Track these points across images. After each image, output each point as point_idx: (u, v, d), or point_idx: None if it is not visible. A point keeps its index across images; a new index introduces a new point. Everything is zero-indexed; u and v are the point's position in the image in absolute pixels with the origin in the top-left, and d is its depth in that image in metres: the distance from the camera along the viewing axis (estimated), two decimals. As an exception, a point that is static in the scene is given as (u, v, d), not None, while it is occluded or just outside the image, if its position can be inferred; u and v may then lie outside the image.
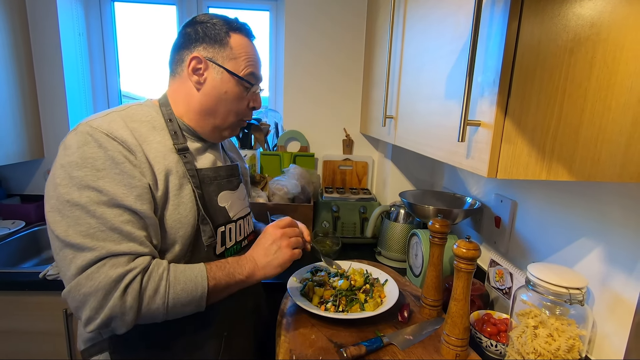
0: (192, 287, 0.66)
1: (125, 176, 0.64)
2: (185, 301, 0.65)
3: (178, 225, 0.71)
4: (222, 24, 0.76)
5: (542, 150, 0.55)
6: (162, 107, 0.78)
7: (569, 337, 0.69)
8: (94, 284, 0.59)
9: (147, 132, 0.71)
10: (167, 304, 0.64)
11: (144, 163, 0.67)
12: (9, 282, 1.15)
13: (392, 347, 0.81)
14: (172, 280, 0.64)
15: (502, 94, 0.53)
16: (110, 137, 0.65)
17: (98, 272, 0.59)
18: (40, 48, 1.65)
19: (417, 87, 0.90)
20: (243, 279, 0.73)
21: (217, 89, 0.76)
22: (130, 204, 0.63)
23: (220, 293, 0.71)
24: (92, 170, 0.62)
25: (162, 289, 0.63)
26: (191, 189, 0.74)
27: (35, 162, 1.74)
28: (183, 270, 0.67)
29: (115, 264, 0.60)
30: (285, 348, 0.79)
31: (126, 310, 0.60)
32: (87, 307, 0.59)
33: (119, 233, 0.62)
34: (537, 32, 0.52)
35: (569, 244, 0.81)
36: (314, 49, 1.76)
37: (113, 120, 0.68)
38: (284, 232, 0.79)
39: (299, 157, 1.77)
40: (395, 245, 1.36)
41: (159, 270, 0.64)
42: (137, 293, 0.61)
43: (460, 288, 0.76)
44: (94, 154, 0.63)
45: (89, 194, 0.61)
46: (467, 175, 1.29)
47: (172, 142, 0.74)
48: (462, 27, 0.67)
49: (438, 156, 0.76)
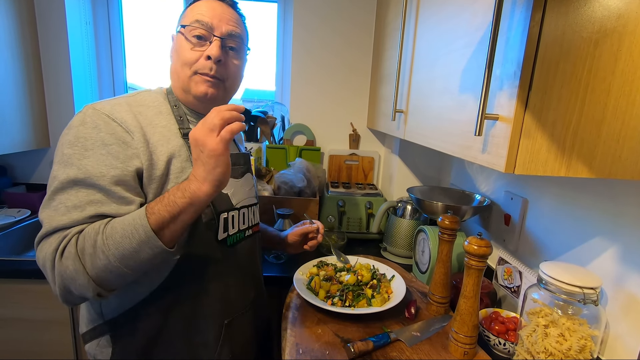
0: (132, 230, 0.60)
1: (109, 157, 0.65)
2: (132, 247, 0.60)
3: None
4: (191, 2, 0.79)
5: (562, 146, 0.54)
6: (168, 95, 0.80)
7: (580, 337, 0.68)
8: (41, 255, 0.62)
9: (153, 115, 0.73)
10: (113, 254, 0.59)
11: (142, 144, 0.68)
12: (15, 270, 1.15)
13: (399, 343, 0.81)
14: (108, 231, 0.60)
15: (523, 87, 0.52)
16: (110, 118, 0.67)
17: (45, 245, 0.62)
18: (47, 37, 1.64)
19: (429, 82, 0.89)
20: (188, 201, 0.61)
21: (175, 50, 0.78)
22: (104, 184, 0.64)
23: (171, 224, 0.62)
24: (80, 149, 0.64)
25: (99, 242, 0.59)
26: None
27: (40, 151, 1.74)
28: (121, 219, 0.62)
29: (58, 236, 0.62)
30: (291, 342, 0.79)
31: (72, 274, 0.60)
32: (49, 281, 0.62)
33: (80, 211, 0.63)
34: (562, 23, 0.50)
35: (582, 243, 0.80)
36: (322, 42, 1.74)
37: (118, 103, 0.71)
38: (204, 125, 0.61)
39: (305, 151, 1.76)
40: (401, 242, 1.35)
41: (95, 226, 0.61)
42: (74, 255, 0.59)
43: (470, 285, 0.75)
44: (87, 134, 0.65)
45: (69, 171, 0.63)
46: (476, 171, 1.27)
47: (177, 126, 0.76)
48: (479, 19, 0.65)
49: (450, 151, 0.74)
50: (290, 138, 1.81)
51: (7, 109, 1.48)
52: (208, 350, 0.79)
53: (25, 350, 1.21)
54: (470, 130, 0.66)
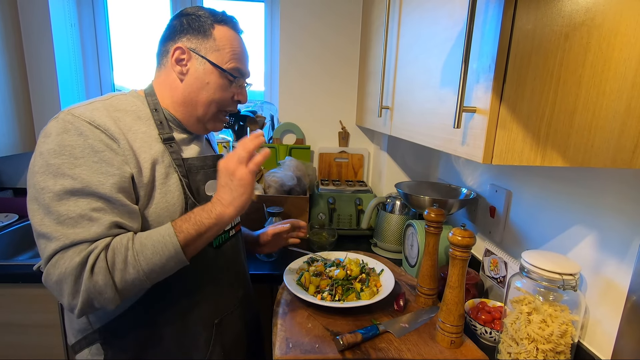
0: (162, 247, 0.64)
1: (103, 164, 0.63)
2: (162, 262, 0.64)
3: (165, 213, 0.71)
4: (208, 15, 0.76)
5: (536, 136, 0.55)
6: (147, 97, 0.78)
7: (562, 323, 0.70)
8: (60, 271, 0.59)
9: (132, 121, 0.71)
10: (143, 270, 0.63)
11: (128, 151, 0.67)
12: (3, 274, 1.14)
13: (388, 334, 0.82)
14: (138, 248, 0.63)
15: (498, 79, 0.53)
16: (93, 125, 0.64)
17: (62, 259, 0.60)
18: (31, 39, 1.62)
19: (413, 77, 0.90)
20: (214, 222, 0.68)
21: (200, 79, 0.76)
22: (105, 191, 0.63)
23: (195, 242, 0.68)
24: (69, 158, 0.62)
25: (130, 259, 0.62)
26: (178, 177, 0.74)
27: (27, 155, 1.72)
28: (148, 234, 0.65)
29: (78, 249, 0.60)
30: (281, 336, 0.80)
31: (102, 289, 0.60)
32: (64, 294, 0.60)
33: (88, 220, 0.62)
34: (533, 17, 0.52)
35: (563, 232, 0.82)
36: (310, 42, 1.75)
37: (96, 108, 0.68)
38: (233, 157, 0.70)
39: (294, 149, 1.76)
40: (391, 237, 1.36)
41: (123, 241, 0.63)
42: (105, 270, 0.61)
43: (455, 276, 0.77)
44: (73, 142, 0.62)
45: (63, 182, 0.61)
46: (463, 166, 1.30)
47: (157, 131, 0.74)
48: (457, 14, 0.66)
49: (434, 144, 0.76)
50: (279, 137, 1.82)
51: (-8, 112, 1.46)
52: (199, 351, 0.80)
53: (16, 355, 1.20)
54: (451, 123, 0.67)
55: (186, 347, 0.78)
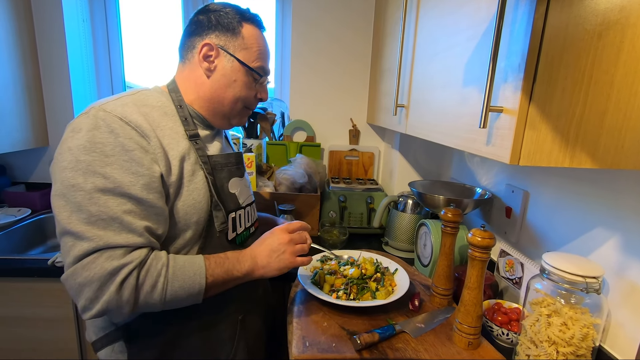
0: (190, 285, 0.66)
1: (133, 164, 0.63)
2: (183, 297, 0.66)
3: (192, 210, 0.71)
4: (235, 13, 0.76)
5: (566, 137, 0.54)
6: (171, 93, 0.77)
7: (583, 326, 0.69)
8: (89, 274, 0.58)
9: (159, 117, 0.71)
10: (165, 299, 0.64)
11: (158, 148, 0.66)
12: (18, 269, 1.15)
13: (405, 334, 0.82)
14: (170, 278, 0.64)
15: (528, 79, 0.52)
16: (124, 122, 0.64)
17: (94, 263, 0.59)
18: (44, 34, 1.62)
19: (431, 75, 0.89)
20: (240, 277, 0.73)
21: (227, 77, 0.76)
22: (136, 192, 0.62)
23: (217, 288, 0.71)
24: (100, 156, 0.61)
25: (159, 286, 0.63)
26: (204, 175, 0.74)
27: (39, 150, 1.73)
28: (182, 266, 0.66)
29: (111, 256, 0.60)
30: (298, 335, 0.80)
31: (122, 304, 0.60)
32: (83, 297, 0.59)
33: (119, 223, 0.61)
34: (566, 15, 0.50)
35: (583, 234, 0.81)
36: (321, 39, 1.74)
37: (125, 104, 0.67)
38: (292, 238, 0.79)
39: (305, 147, 1.76)
40: (402, 236, 1.36)
41: (157, 266, 0.64)
42: (133, 288, 0.60)
43: (474, 277, 0.76)
44: (104, 139, 0.62)
45: (94, 180, 0.60)
46: (477, 165, 1.28)
47: (183, 128, 0.74)
48: (482, 12, 0.65)
49: (454, 144, 0.75)
50: (290, 134, 1.81)
51: (6, 108, 1.47)
52: (225, 348, 0.80)
53: (29, 349, 1.21)
54: (474, 123, 0.67)
55: (212, 344, 0.78)
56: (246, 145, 1.68)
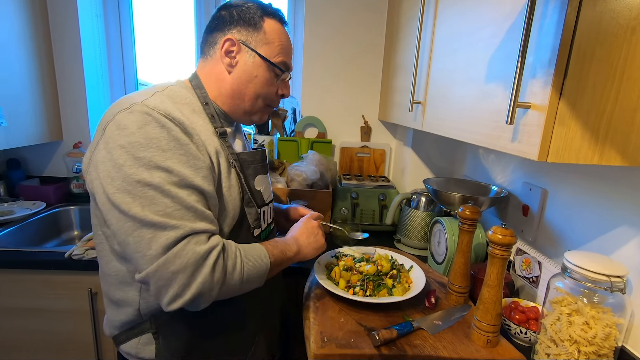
0: (260, 264, 0.70)
1: (190, 157, 0.63)
2: (254, 277, 0.69)
3: (229, 207, 0.72)
4: (257, 7, 0.76)
5: (595, 134, 0.54)
6: (195, 90, 0.77)
7: (605, 325, 0.68)
8: (183, 261, 0.59)
9: (190, 114, 0.70)
10: (243, 279, 0.67)
11: (201, 145, 0.67)
12: (33, 261, 1.16)
13: (422, 331, 0.81)
14: (244, 258, 0.68)
15: (558, 74, 0.52)
16: (168, 118, 0.63)
17: (185, 250, 0.59)
18: (59, 29, 1.63)
19: (451, 72, 0.88)
20: (292, 256, 0.80)
21: (248, 72, 0.75)
22: (199, 184, 0.63)
23: (275, 269, 0.75)
24: (158, 151, 0.61)
25: (238, 266, 0.66)
26: (236, 172, 0.75)
27: (53, 144, 1.75)
28: (248, 249, 0.70)
29: (198, 241, 0.61)
30: (315, 330, 0.80)
31: (214, 285, 0.62)
32: (175, 285, 0.59)
33: (194, 212, 0.62)
34: (600, 9, 0.50)
35: (605, 233, 0.80)
36: (333, 36, 1.73)
37: (163, 100, 0.66)
38: (319, 224, 0.91)
39: (316, 143, 1.76)
40: (415, 233, 1.35)
41: (233, 249, 0.67)
42: (222, 268, 0.63)
43: (494, 274, 0.76)
44: (158, 134, 0.61)
45: (160, 174, 0.60)
46: (492, 163, 1.27)
47: (212, 126, 0.74)
48: (507, 8, 0.64)
49: (476, 140, 0.74)
50: (301, 130, 1.81)
51: (22, 103, 1.48)
52: (245, 342, 0.81)
53: (46, 340, 1.23)
54: (498, 119, 0.66)
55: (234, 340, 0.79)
56: (257, 141, 1.68)
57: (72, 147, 1.72)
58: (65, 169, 1.73)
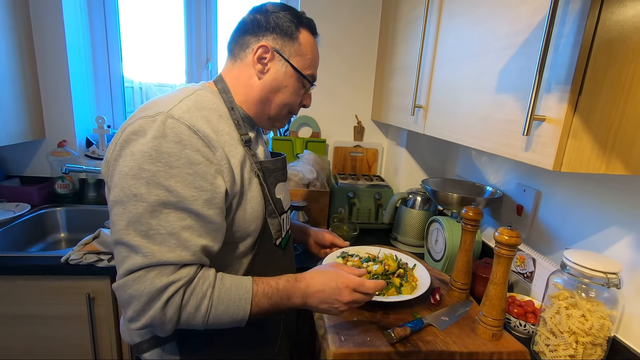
0: (234, 310, 0.65)
1: (197, 178, 0.62)
2: (225, 321, 0.65)
3: (251, 219, 0.72)
4: (292, 17, 0.75)
5: (604, 146, 0.59)
6: (221, 94, 0.75)
7: (600, 317, 0.75)
8: (139, 287, 0.59)
9: (217, 120, 0.69)
10: (207, 321, 0.64)
11: (223, 159, 0.65)
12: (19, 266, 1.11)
13: (432, 327, 0.86)
14: (215, 301, 0.63)
15: (574, 91, 0.56)
16: (192, 131, 0.62)
17: (144, 277, 0.59)
18: (41, 23, 1.55)
19: (458, 79, 0.92)
20: (284, 309, 0.71)
21: (279, 81, 0.75)
22: (197, 208, 0.61)
23: (261, 316, 0.69)
24: (165, 167, 0.59)
25: (203, 308, 0.62)
26: (258, 182, 0.74)
27: (35, 142, 1.67)
28: (228, 289, 0.65)
29: (161, 272, 0.59)
30: (332, 330, 0.82)
31: (166, 321, 0.61)
32: (131, 308, 0.60)
33: (176, 239, 0.60)
34: (613, 32, 0.54)
35: (597, 232, 0.87)
36: (326, 33, 1.73)
37: (190, 108, 0.65)
38: (354, 300, 0.72)
39: (310, 142, 1.77)
40: (411, 231, 1.40)
41: (204, 287, 0.63)
42: (177, 307, 0.61)
43: (500, 273, 0.81)
44: (170, 149, 0.60)
45: (158, 192, 0.59)
46: (485, 164, 1.34)
47: (237, 132, 0.72)
48: (522, 22, 0.68)
49: (484, 147, 0.79)
50: (295, 130, 1.82)
51: (3, 100, 1.40)
52: (271, 345, 0.83)
53: (42, 347, 1.19)
54: (509, 128, 0.70)
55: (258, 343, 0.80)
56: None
57: (56, 145, 1.65)
58: (49, 169, 1.65)
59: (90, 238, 1.18)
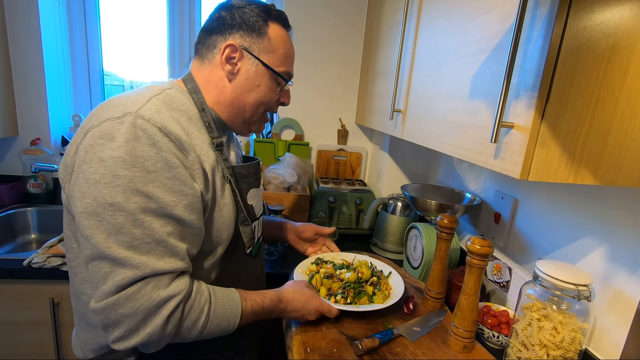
0: (226, 324, 0.66)
1: (176, 182, 0.58)
2: (216, 333, 0.66)
3: (223, 227, 0.69)
4: (261, 11, 0.71)
5: (572, 155, 0.57)
6: (192, 94, 0.71)
7: (571, 330, 0.73)
8: (134, 305, 0.55)
9: (187, 123, 0.65)
10: (201, 335, 0.63)
11: (196, 164, 0.62)
12: (-11, 269, 1.07)
13: (402, 338, 0.83)
14: (211, 316, 0.63)
15: (541, 98, 0.54)
16: (164, 133, 0.58)
17: (140, 293, 0.55)
18: (15, 12, 1.50)
19: (433, 84, 0.90)
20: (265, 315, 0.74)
21: (250, 81, 0.71)
22: (178, 213, 0.58)
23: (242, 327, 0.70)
24: (141, 172, 0.55)
25: (200, 323, 0.62)
26: (230, 188, 0.71)
27: (7, 140, 1.61)
28: (222, 303, 0.66)
29: (157, 284, 0.56)
30: (298, 340, 0.79)
31: (164, 337, 0.58)
32: (122, 328, 0.56)
33: (164, 246, 0.57)
34: (580, 39, 0.52)
35: (571, 242, 0.85)
36: (311, 36, 1.72)
37: (159, 109, 0.61)
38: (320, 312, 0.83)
39: (293, 145, 1.74)
40: (391, 237, 1.38)
41: (201, 301, 0.62)
42: (177, 322, 0.59)
43: (471, 283, 0.79)
44: (145, 152, 0.56)
45: (137, 200, 0.55)
46: (465, 170, 1.32)
47: (208, 136, 0.69)
48: (493, 27, 0.67)
49: (457, 154, 0.77)
50: (278, 132, 1.79)
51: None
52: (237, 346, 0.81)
53: (3, 354, 1.13)
54: (480, 135, 0.68)
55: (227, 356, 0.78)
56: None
57: (29, 143, 1.59)
58: (21, 167, 1.60)
59: (56, 240, 1.13)
